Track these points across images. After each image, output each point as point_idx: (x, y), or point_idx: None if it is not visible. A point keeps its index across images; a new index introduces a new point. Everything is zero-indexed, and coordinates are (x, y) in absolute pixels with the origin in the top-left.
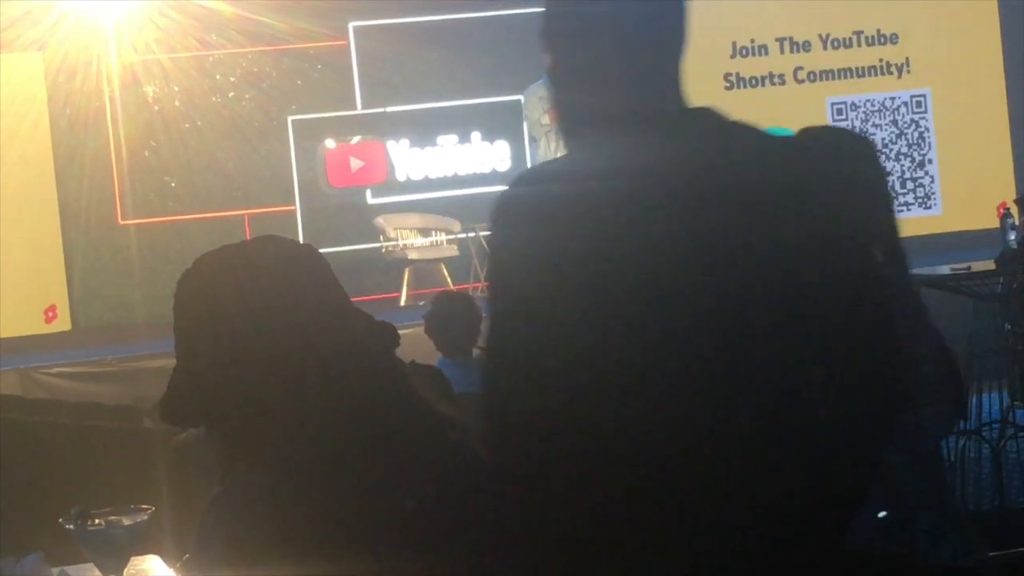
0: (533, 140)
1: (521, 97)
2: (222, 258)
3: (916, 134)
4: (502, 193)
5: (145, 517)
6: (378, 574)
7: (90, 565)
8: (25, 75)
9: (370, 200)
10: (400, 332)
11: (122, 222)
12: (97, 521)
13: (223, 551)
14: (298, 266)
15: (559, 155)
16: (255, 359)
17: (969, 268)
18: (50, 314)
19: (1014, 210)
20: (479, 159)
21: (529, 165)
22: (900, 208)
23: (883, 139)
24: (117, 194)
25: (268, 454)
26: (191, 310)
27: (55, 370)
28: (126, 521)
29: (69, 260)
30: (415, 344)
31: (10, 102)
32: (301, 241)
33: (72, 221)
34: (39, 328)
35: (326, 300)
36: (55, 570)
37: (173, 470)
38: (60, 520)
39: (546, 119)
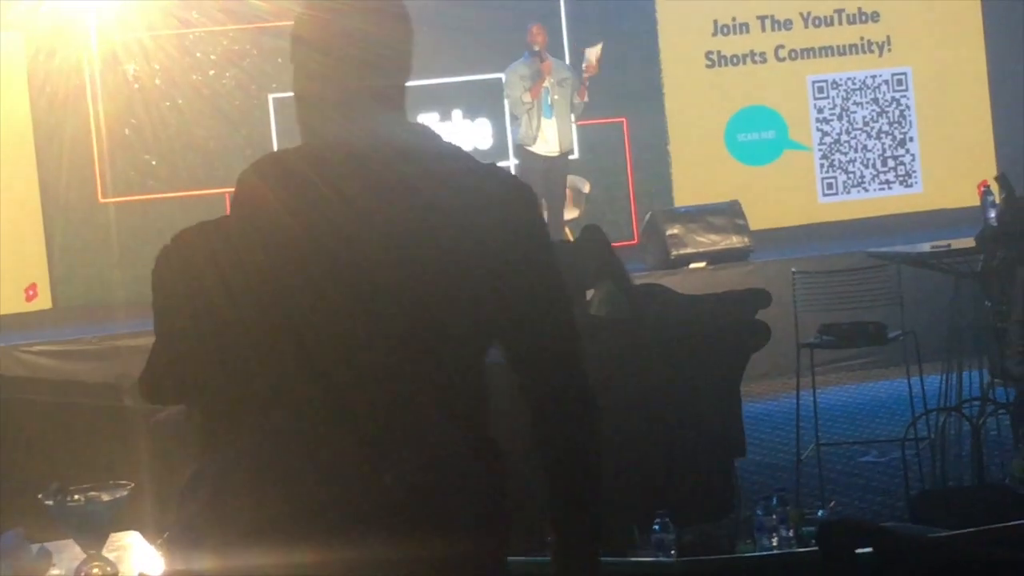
0: (514, 118)
1: (502, 75)
2: (199, 234)
3: (897, 112)
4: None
5: (125, 493)
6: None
7: (70, 541)
8: (5, 54)
9: None
10: None
11: (102, 200)
12: (76, 497)
13: (201, 527)
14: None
15: (540, 133)
16: (233, 334)
17: (949, 246)
18: (30, 292)
19: (994, 188)
20: (460, 137)
21: (509, 142)
22: (881, 187)
23: (864, 117)
24: (97, 172)
25: (246, 430)
26: (169, 287)
27: (35, 348)
28: (105, 497)
29: (49, 238)
30: None
31: None
32: None
33: (52, 199)
34: (19, 307)
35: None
36: (35, 546)
37: (153, 447)
38: (39, 496)
39: (527, 97)
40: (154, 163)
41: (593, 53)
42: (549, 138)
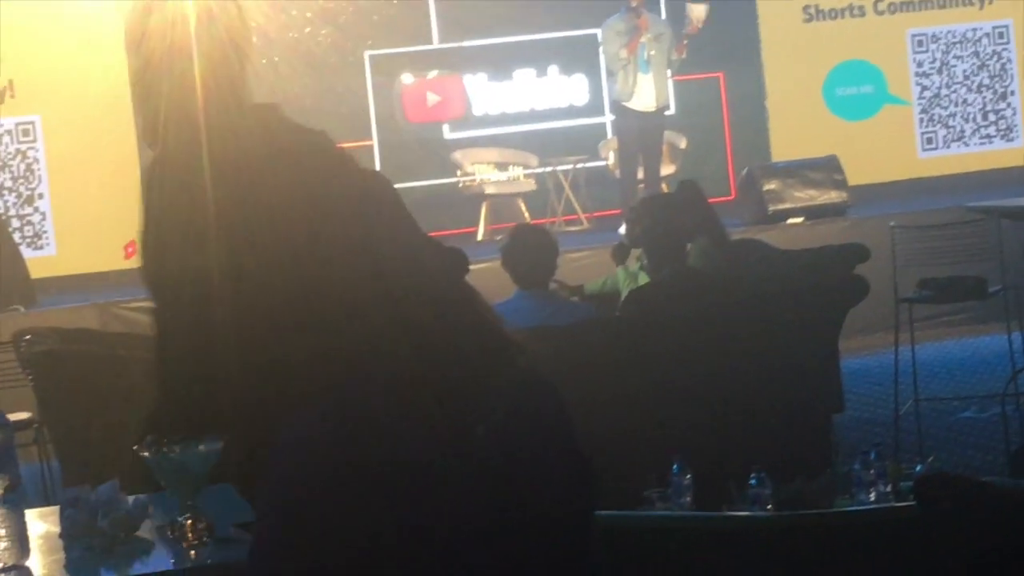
0: (611, 74)
1: (598, 31)
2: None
3: (998, 66)
4: None
5: (219, 445)
6: (447, 502)
7: (166, 493)
8: (101, 12)
9: (447, 135)
10: (478, 266)
11: None
12: (172, 449)
13: (291, 485)
14: (363, 193)
15: (636, 88)
16: (320, 291)
17: None
18: (130, 250)
19: None
20: (556, 93)
21: (606, 98)
22: (982, 142)
23: (964, 71)
24: None
25: (337, 384)
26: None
27: (134, 305)
28: (200, 449)
29: None
30: (493, 277)
31: (89, 38)
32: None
33: (151, 157)
34: (119, 264)
35: (394, 226)
36: (131, 498)
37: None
38: (135, 448)
39: (624, 53)
40: None
41: (697, 11)
42: (646, 94)
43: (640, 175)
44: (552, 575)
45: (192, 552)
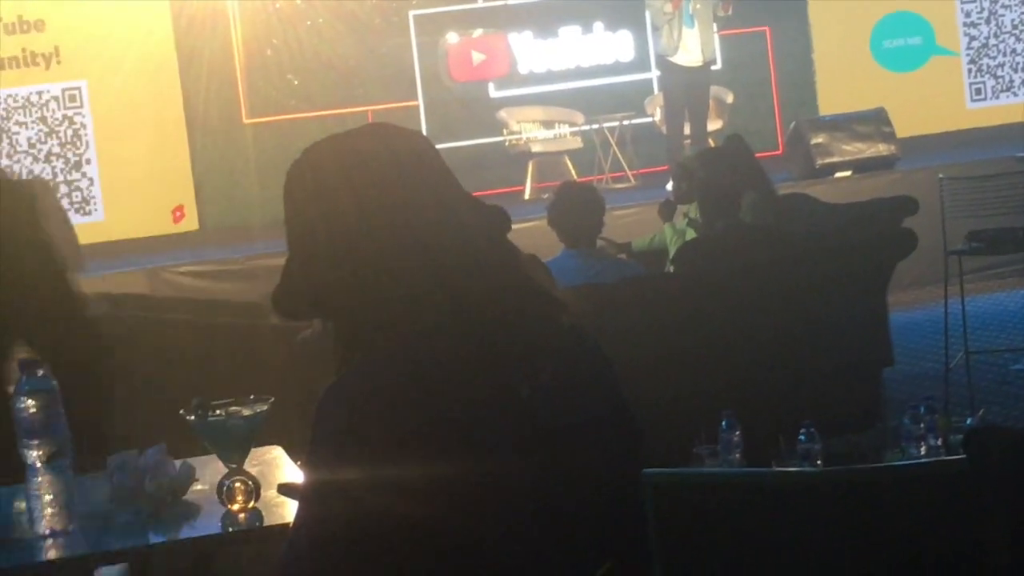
0: (655, 29)
1: None
2: (331, 147)
3: None
4: None
5: (265, 408)
6: (493, 463)
7: (213, 456)
8: None
9: (493, 94)
10: (525, 225)
11: (246, 121)
12: (217, 412)
13: (335, 444)
14: (406, 153)
15: (681, 44)
16: (363, 249)
17: None
18: (178, 214)
19: None
20: (602, 50)
21: (651, 53)
22: None
23: (1012, 20)
24: (241, 93)
25: (380, 345)
26: (300, 202)
27: (183, 269)
28: (246, 412)
29: (195, 160)
30: (540, 236)
31: (132, 3)
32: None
33: (197, 121)
34: (168, 228)
35: (436, 186)
36: (178, 462)
37: (297, 364)
38: (181, 412)
39: (669, 7)
40: (296, 83)
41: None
42: (691, 48)
43: (687, 131)
44: (601, 533)
45: (241, 515)
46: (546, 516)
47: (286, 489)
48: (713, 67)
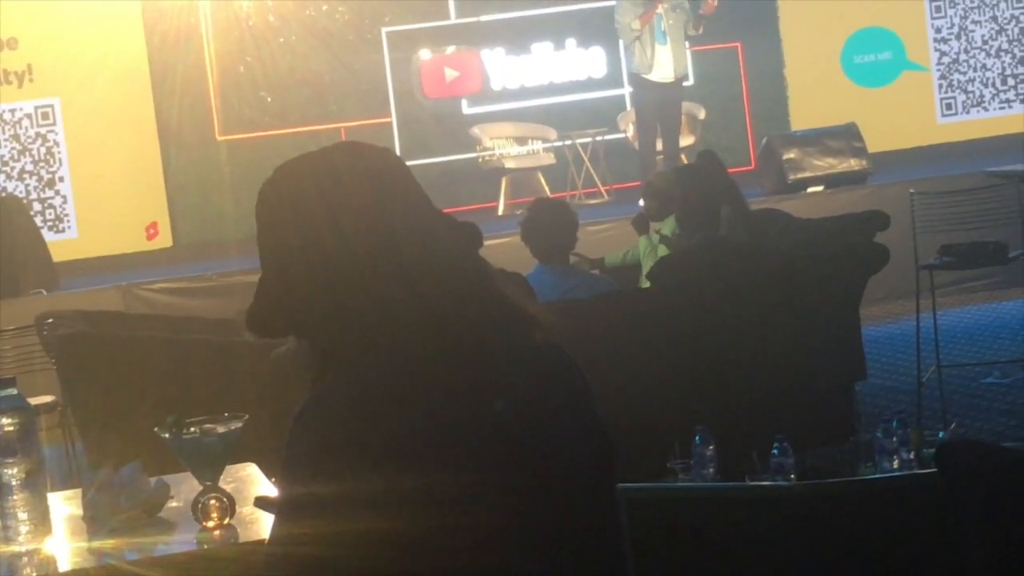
0: (627, 47)
1: (615, 2)
2: (303, 166)
3: (1017, 29)
4: None
5: (239, 425)
6: (467, 477)
7: (188, 473)
8: None
9: (465, 110)
10: (499, 240)
11: (220, 138)
12: (192, 430)
13: (310, 460)
14: (379, 170)
15: (655, 60)
16: (338, 266)
17: None
18: (151, 231)
19: None
20: (574, 66)
21: (623, 70)
22: (1001, 106)
23: (983, 36)
24: (214, 110)
25: (354, 362)
26: (274, 221)
27: (156, 286)
28: (220, 429)
29: (168, 177)
30: (513, 251)
31: (106, 21)
32: (397, 152)
33: (170, 138)
34: (141, 245)
35: (409, 202)
36: (153, 479)
37: (272, 380)
38: (156, 429)
39: (636, 24)
40: (269, 100)
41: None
42: (663, 64)
43: (659, 147)
44: (575, 548)
45: (216, 532)
46: (521, 530)
47: (263, 502)
48: (685, 83)
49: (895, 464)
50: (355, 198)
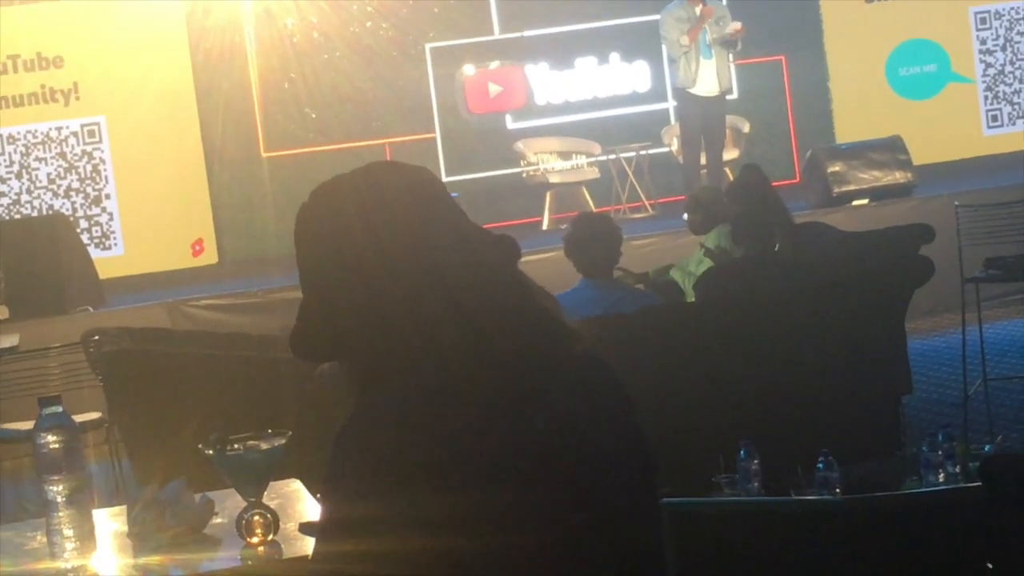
0: (672, 61)
1: (658, 17)
2: (340, 187)
3: None
4: None
5: (282, 442)
6: (509, 494)
7: (232, 490)
8: (165, 12)
9: (510, 125)
10: (543, 255)
11: (265, 154)
12: (235, 446)
13: (352, 478)
14: (416, 187)
15: (699, 75)
16: (381, 286)
17: None
18: (197, 248)
19: None
20: (618, 80)
21: (667, 84)
22: None
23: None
24: (259, 126)
25: (397, 380)
26: (314, 244)
27: (202, 302)
28: (264, 446)
29: (214, 194)
30: (557, 266)
31: (151, 38)
32: (442, 168)
33: (215, 155)
34: (187, 262)
35: (445, 220)
36: (198, 495)
37: (316, 397)
38: (200, 446)
39: (685, 40)
40: (314, 116)
41: (733, 26)
42: (708, 79)
43: (703, 160)
44: (617, 563)
45: (260, 548)
46: (563, 545)
47: (307, 528)
48: (729, 96)
49: (941, 478)
50: (397, 216)
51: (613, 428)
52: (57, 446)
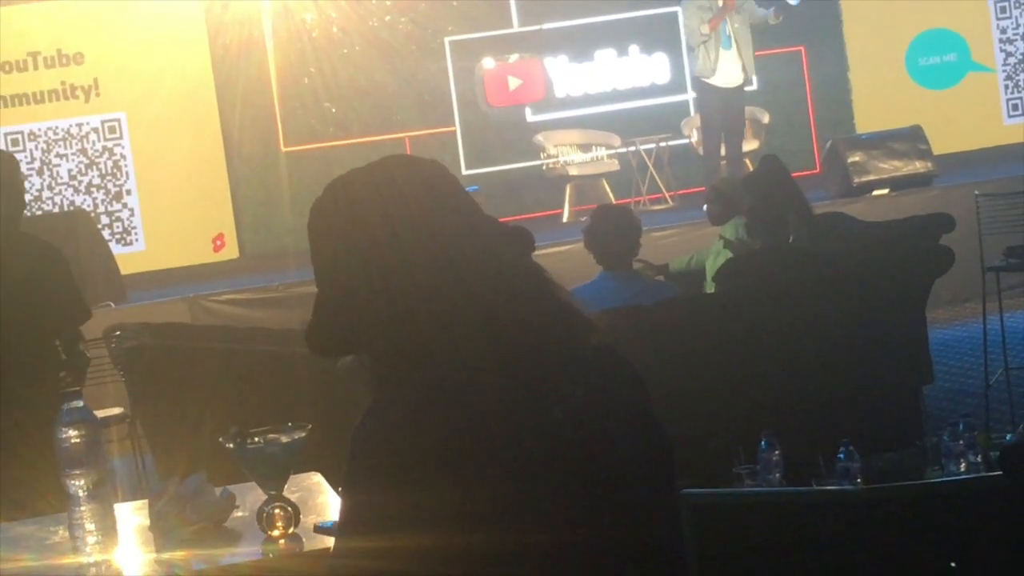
0: (691, 50)
1: (678, 9)
2: (353, 182)
3: None
4: None
5: (303, 435)
6: (527, 486)
7: (252, 483)
8: (184, 7)
9: (529, 118)
10: (564, 248)
11: (285, 149)
12: (256, 440)
13: (370, 472)
14: (430, 180)
15: (719, 65)
16: (399, 278)
17: None
18: (218, 243)
19: None
20: (637, 72)
21: (687, 75)
22: None
23: None
24: (279, 121)
25: (415, 373)
26: (331, 239)
27: (223, 297)
28: (284, 439)
29: (235, 189)
30: (577, 258)
31: (170, 34)
32: (462, 161)
33: (235, 150)
34: (208, 257)
35: (461, 213)
36: (218, 489)
37: (336, 390)
38: (220, 439)
39: (706, 28)
40: (334, 110)
41: (773, 17)
42: (728, 69)
43: (723, 151)
44: (636, 554)
45: (281, 541)
46: (581, 537)
47: (322, 529)
48: (748, 87)
49: (962, 467)
50: (414, 209)
51: (630, 418)
52: (78, 440)
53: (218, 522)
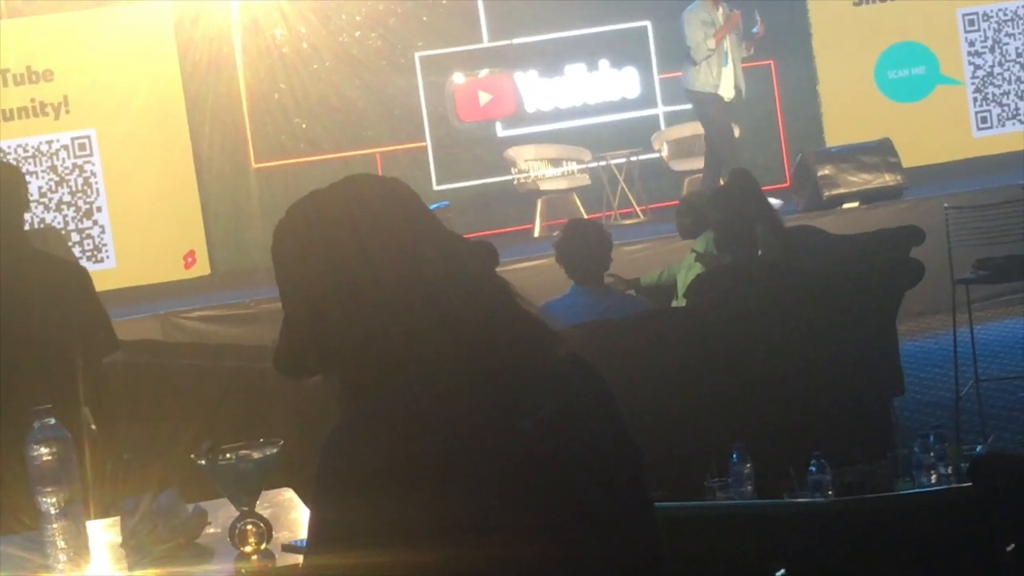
0: (692, 63)
1: (647, 23)
2: (316, 203)
3: None
4: None
5: (275, 451)
6: (496, 500)
7: (225, 500)
8: (153, 23)
9: (500, 133)
10: (535, 262)
11: (256, 165)
12: (227, 456)
13: (339, 487)
14: (396, 199)
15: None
16: (368, 296)
17: None
18: (189, 260)
19: None
20: (608, 87)
21: (657, 90)
22: None
23: (1017, 48)
24: (249, 137)
25: (383, 390)
26: (298, 261)
27: (195, 314)
28: (256, 455)
29: (205, 205)
30: (549, 273)
31: (140, 50)
32: (433, 177)
33: (206, 167)
34: (179, 274)
35: (428, 229)
36: (190, 505)
37: (308, 406)
38: (192, 456)
39: (712, 43)
40: (304, 126)
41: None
42: (726, 84)
43: (702, 164)
44: (610, 565)
45: (253, 557)
46: (553, 551)
47: (290, 548)
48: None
49: (933, 479)
50: (383, 227)
51: (600, 431)
52: (50, 458)
53: (190, 539)
